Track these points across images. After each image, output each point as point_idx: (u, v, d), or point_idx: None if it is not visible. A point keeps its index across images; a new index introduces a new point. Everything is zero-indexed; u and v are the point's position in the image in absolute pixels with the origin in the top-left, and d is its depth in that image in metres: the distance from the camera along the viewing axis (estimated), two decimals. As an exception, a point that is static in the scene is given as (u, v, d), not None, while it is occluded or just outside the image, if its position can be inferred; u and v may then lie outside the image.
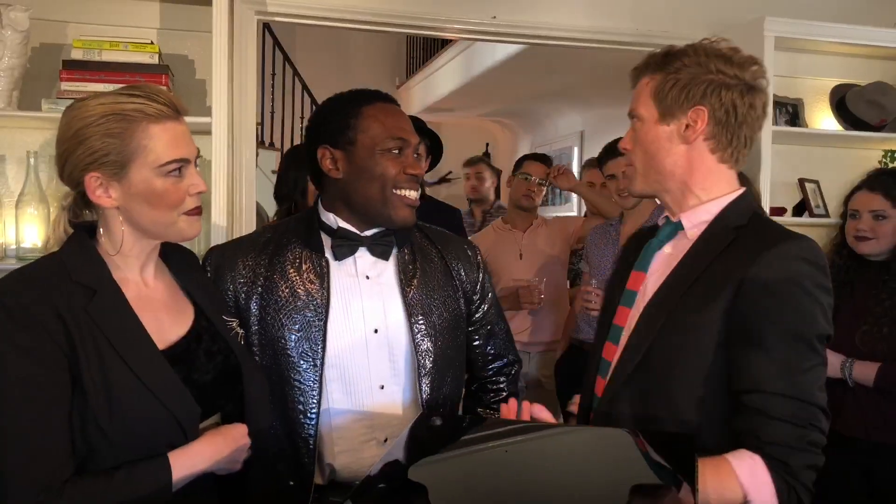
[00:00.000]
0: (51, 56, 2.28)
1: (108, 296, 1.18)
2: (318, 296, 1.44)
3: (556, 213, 6.79)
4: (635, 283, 1.36)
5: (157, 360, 1.19)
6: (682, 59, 1.27)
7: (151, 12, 2.39)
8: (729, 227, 1.26)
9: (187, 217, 1.24)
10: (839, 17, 2.86)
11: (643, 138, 1.31)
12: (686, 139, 1.28)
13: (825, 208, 2.97)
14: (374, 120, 1.44)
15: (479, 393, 1.68)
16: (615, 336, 1.35)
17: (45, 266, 1.19)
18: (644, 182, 1.33)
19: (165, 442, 1.17)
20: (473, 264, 1.62)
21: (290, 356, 1.42)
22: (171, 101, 1.22)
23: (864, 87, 2.94)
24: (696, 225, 1.29)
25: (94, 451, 1.12)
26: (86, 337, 1.12)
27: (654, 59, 1.31)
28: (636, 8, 2.86)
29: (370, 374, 1.46)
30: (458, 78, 6.60)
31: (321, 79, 7.23)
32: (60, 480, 1.07)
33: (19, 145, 2.26)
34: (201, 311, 1.32)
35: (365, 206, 1.46)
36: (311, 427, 1.42)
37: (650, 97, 1.29)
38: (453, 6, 2.73)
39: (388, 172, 1.43)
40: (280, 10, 2.58)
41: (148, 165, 1.19)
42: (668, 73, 1.28)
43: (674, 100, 1.27)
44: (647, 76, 1.31)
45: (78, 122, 1.18)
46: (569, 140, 7.09)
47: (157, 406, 1.16)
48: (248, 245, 1.52)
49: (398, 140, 1.44)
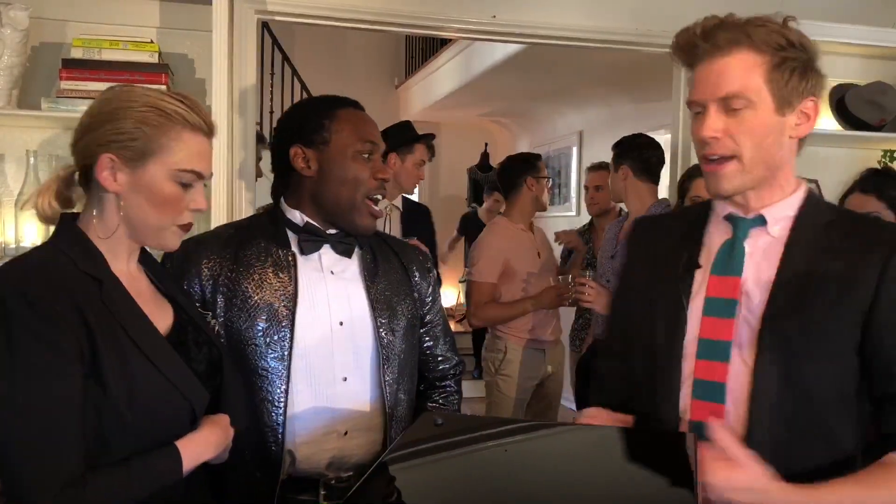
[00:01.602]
0: (50, 55, 2.28)
1: (113, 286, 1.19)
2: (286, 287, 1.47)
3: (555, 214, 6.80)
4: (725, 289, 1.20)
5: (165, 347, 1.21)
6: (789, 37, 1.13)
7: (151, 11, 2.39)
8: (819, 223, 1.19)
9: (177, 229, 1.26)
10: (839, 17, 2.86)
11: (756, 128, 1.14)
12: (799, 132, 1.18)
13: (825, 208, 2.98)
14: (347, 123, 1.51)
15: (429, 391, 1.74)
16: (715, 353, 1.18)
17: (51, 256, 1.18)
18: (746, 177, 1.17)
19: (179, 429, 1.19)
20: (425, 270, 1.69)
21: (257, 346, 1.45)
22: (208, 119, 1.26)
23: (863, 87, 2.94)
24: (779, 220, 1.20)
25: (108, 444, 1.12)
26: (104, 327, 1.13)
27: (754, 30, 1.14)
28: (636, 8, 2.86)
29: (334, 366, 1.50)
30: (458, 78, 6.60)
31: (320, 79, 7.22)
32: (79, 473, 1.06)
33: (19, 144, 2.26)
34: (179, 305, 1.33)
35: (333, 207, 1.51)
36: (278, 415, 1.45)
37: (764, 81, 1.13)
38: (453, 6, 2.72)
39: (361, 176, 1.49)
40: (280, 9, 2.57)
41: (166, 165, 1.20)
42: (784, 54, 1.13)
43: (794, 88, 1.14)
44: (746, 50, 1.14)
45: (119, 102, 1.20)
46: (568, 140, 7.08)
47: (175, 393, 1.18)
48: (212, 240, 1.55)
49: (369, 143, 1.51)
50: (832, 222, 1.19)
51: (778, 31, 1.15)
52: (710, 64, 1.16)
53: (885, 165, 2.97)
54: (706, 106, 1.16)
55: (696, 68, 1.19)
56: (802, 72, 1.15)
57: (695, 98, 1.19)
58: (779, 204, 1.20)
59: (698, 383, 1.19)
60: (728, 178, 1.17)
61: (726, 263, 1.21)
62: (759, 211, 1.20)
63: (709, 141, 1.15)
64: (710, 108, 1.15)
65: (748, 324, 1.17)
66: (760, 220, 1.21)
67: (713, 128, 1.15)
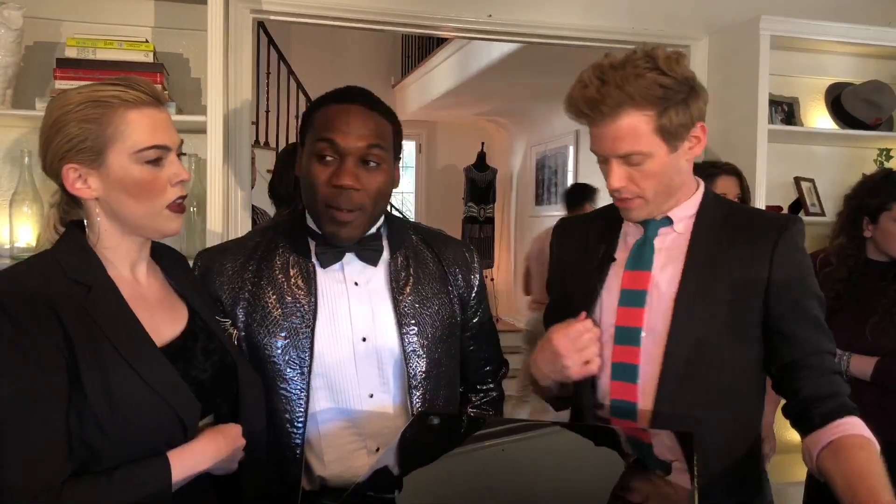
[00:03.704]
0: (45, 54, 2.27)
1: (104, 293, 1.16)
2: (305, 302, 1.40)
3: (551, 214, 6.80)
4: (636, 281, 1.36)
5: (156, 356, 1.18)
6: (665, 82, 1.23)
7: (146, 11, 2.38)
8: (716, 216, 1.36)
9: (169, 212, 1.21)
10: (835, 15, 2.86)
11: (655, 173, 1.28)
12: (693, 154, 1.33)
13: (821, 207, 2.98)
14: (316, 123, 1.38)
15: (468, 394, 1.66)
16: (628, 338, 1.34)
17: (39, 263, 1.17)
18: (652, 207, 1.33)
19: (166, 440, 1.16)
20: (471, 268, 1.56)
21: (276, 363, 1.38)
22: (150, 89, 1.20)
23: (859, 86, 2.94)
24: (682, 219, 1.36)
25: (96, 452, 1.10)
26: (84, 335, 1.11)
27: (634, 87, 1.23)
28: (632, 7, 2.86)
29: (358, 383, 1.43)
30: (454, 77, 6.60)
31: (316, 78, 7.21)
32: (58, 481, 1.05)
33: (13, 144, 2.25)
34: (195, 311, 1.31)
35: (310, 209, 1.41)
36: (297, 436, 1.39)
37: (653, 132, 1.25)
38: (449, 5, 2.72)
39: (319, 180, 1.35)
40: (275, 8, 2.57)
41: (125, 151, 1.16)
42: (665, 102, 1.24)
43: (681, 124, 1.26)
44: (632, 112, 1.24)
45: (57, 111, 1.17)
46: (564, 139, 7.09)
47: (160, 403, 1.14)
48: (236, 250, 1.48)
49: (326, 142, 1.35)
50: (727, 216, 1.36)
51: (654, 80, 1.23)
52: (603, 128, 1.27)
53: (880, 165, 2.97)
54: (608, 160, 1.29)
55: (591, 128, 1.30)
56: (685, 106, 1.26)
57: (597, 151, 1.32)
58: (682, 205, 1.37)
59: (616, 366, 1.35)
60: (636, 212, 1.34)
61: (638, 259, 1.37)
62: (666, 213, 1.36)
63: (617, 189, 1.30)
64: (612, 162, 1.29)
65: (658, 311, 1.32)
66: (667, 220, 1.37)
67: (619, 178, 1.29)
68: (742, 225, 1.35)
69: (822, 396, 1.26)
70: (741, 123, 2.74)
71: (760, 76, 2.65)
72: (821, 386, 1.27)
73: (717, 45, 2.91)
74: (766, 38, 2.65)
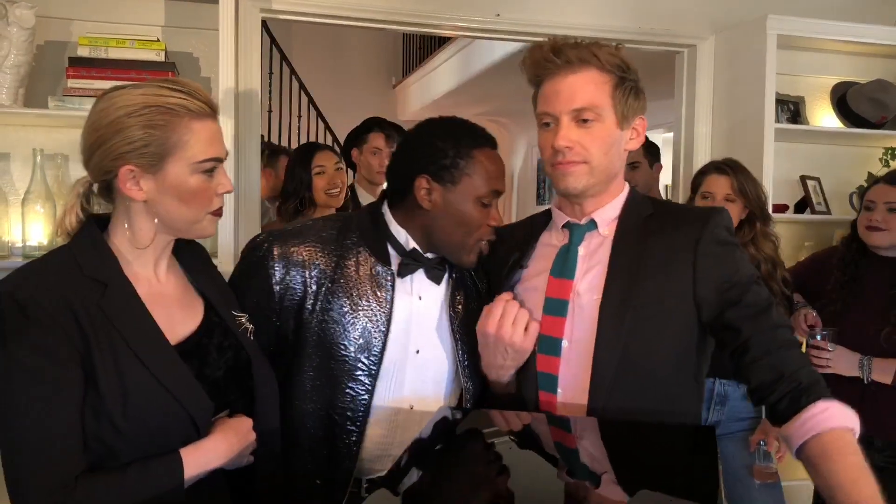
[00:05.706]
0: (57, 53, 2.28)
1: (119, 291, 1.17)
2: (382, 308, 1.43)
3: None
4: (560, 290, 1.34)
5: (169, 355, 1.18)
6: (625, 61, 1.28)
7: (157, 10, 2.39)
8: (641, 216, 1.35)
9: (211, 217, 1.24)
10: (841, 15, 2.88)
11: (604, 138, 1.28)
12: (631, 146, 1.34)
13: (826, 205, 2.99)
14: (481, 166, 1.42)
15: None
16: (550, 348, 1.32)
17: (56, 260, 1.17)
18: (592, 180, 1.30)
19: (179, 438, 1.16)
20: None
21: (347, 362, 1.41)
22: (209, 100, 1.22)
23: (864, 85, 2.96)
24: (607, 222, 1.35)
25: (110, 449, 1.11)
26: (99, 333, 1.11)
27: (599, 51, 1.27)
28: (639, 6, 2.87)
29: (403, 393, 1.45)
30: (456, 77, 6.60)
31: (318, 78, 7.22)
32: (73, 476, 1.06)
33: (25, 143, 2.25)
34: (211, 306, 1.31)
35: (441, 243, 1.45)
36: (355, 433, 1.41)
37: (609, 97, 1.27)
38: (457, 4, 2.73)
39: (478, 222, 1.43)
40: (283, 7, 2.58)
41: (185, 161, 1.18)
42: (623, 75, 1.27)
43: (630, 106, 1.29)
44: (594, 69, 1.27)
45: (118, 111, 1.17)
46: (566, 139, 7.10)
47: (172, 402, 1.15)
48: (315, 239, 1.47)
49: (496, 193, 1.44)
50: (651, 215, 1.35)
51: (615, 54, 1.29)
52: (563, 79, 1.27)
53: (886, 163, 2.98)
54: (559, 118, 1.28)
55: (546, 83, 1.31)
56: (636, 93, 1.30)
57: (548, 110, 1.30)
58: (606, 207, 1.35)
59: (541, 375, 1.33)
60: (576, 177, 1.29)
61: (562, 267, 1.35)
62: (591, 215, 1.35)
63: (563, 150, 1.27)
64: (563, 119, 1.27)
65: (582, 320, 1.29)
66: (592, 224, 1.35)
67: (567, 137, 1.27)
68: (665, 223, 1.33)
69: (771, 382, 1.19)
70: (748, 122, 2.76)
71: (767, 75, 2.67)
72: (765, 371, 1.20)
73: (723, 44, 2.92)
74: (773, 38, 2.67)
